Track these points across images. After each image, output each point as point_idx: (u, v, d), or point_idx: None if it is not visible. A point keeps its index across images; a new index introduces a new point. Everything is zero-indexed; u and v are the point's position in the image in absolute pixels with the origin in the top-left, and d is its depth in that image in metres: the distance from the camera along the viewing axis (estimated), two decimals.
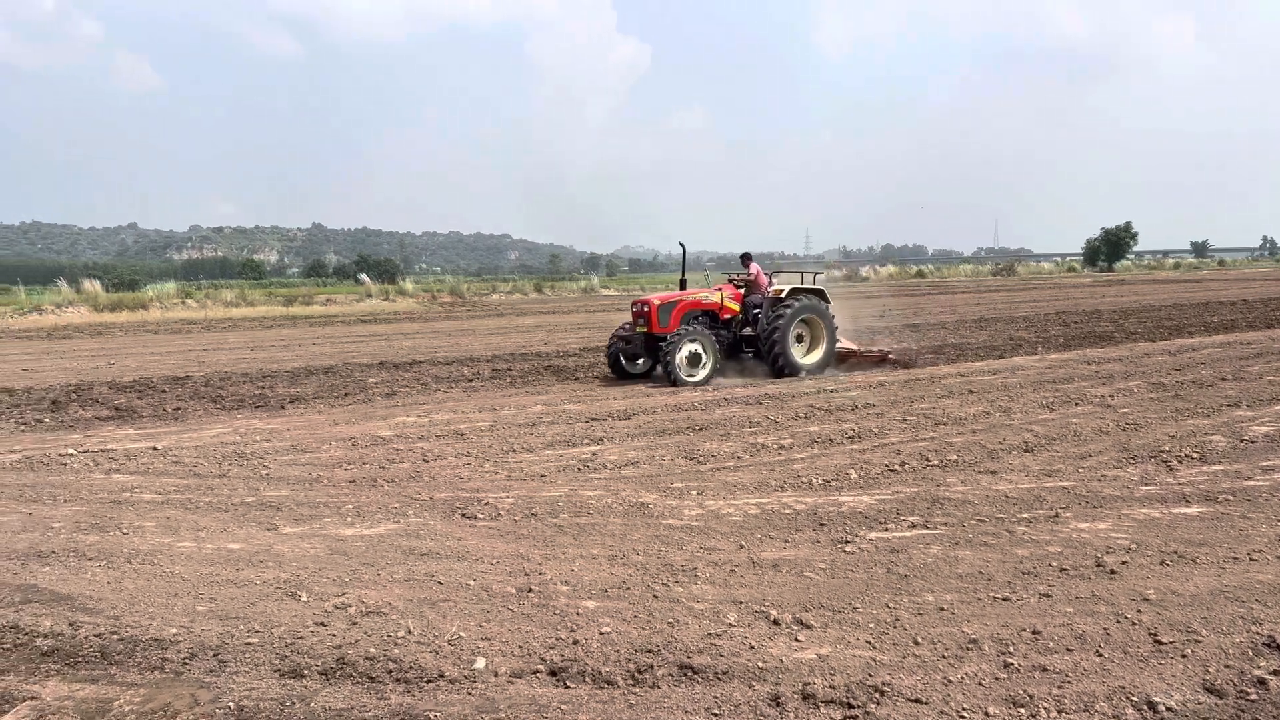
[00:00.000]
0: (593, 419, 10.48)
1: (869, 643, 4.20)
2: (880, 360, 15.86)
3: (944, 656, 4.04)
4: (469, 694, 3.79)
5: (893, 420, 9.84)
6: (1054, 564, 5.23)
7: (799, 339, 14.70)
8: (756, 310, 14.68)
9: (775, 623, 4.45)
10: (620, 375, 14.73)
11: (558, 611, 4.67)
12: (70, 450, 9.27)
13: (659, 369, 13.69)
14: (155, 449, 9.34)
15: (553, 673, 3.96)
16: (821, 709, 3.59)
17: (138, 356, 20.52)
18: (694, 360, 13.51)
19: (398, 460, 8.56)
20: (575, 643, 4.25)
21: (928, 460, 7.91)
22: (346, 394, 13.50)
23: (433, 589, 5.06)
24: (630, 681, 3.86)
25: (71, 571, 5.49)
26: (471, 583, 5.13)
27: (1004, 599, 4.71)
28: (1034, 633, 4.25)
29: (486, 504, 6.81)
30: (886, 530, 5.97)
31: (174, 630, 4.53)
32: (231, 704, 3.72)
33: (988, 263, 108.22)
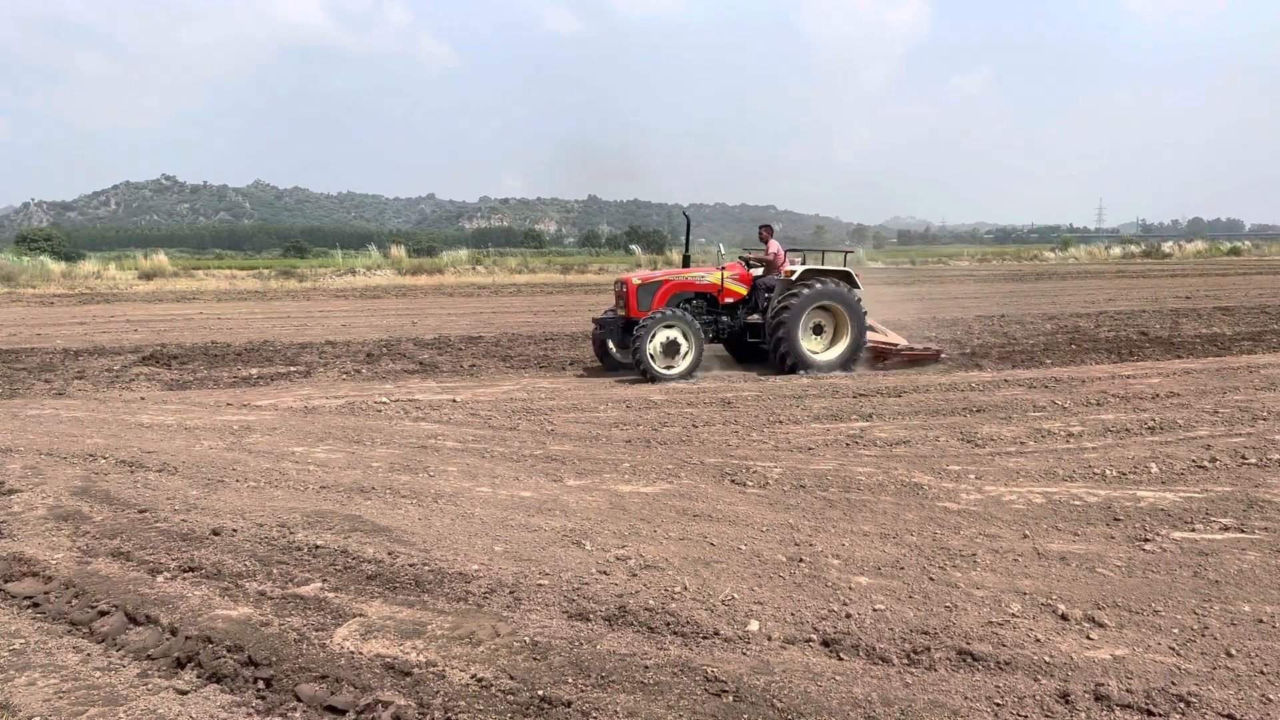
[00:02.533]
0: (860, 394, 10.30)
1: (1172, 649, 3.88)
2: (929, 360, 13.33)
3: (1263, 673, 3.66)
4: (743, 654, 3.90)
5: (1201, 412, 8.92)
6: None
7: (817, 330, 12.68)
8: (769, 294, 12.80)
9: (1064, 618, 4.21)
10: (610, 366, 12.97)
11: (829, 584, 4.67)
12: (383, 399, 10.36)
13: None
14: (454, 401, 10.23)
15: (825, 643, 3.99)
16: (1117, 712, 3.37)
17: (437, 316, 22.49)
18: (671, 349, 11.73)
19: (669, 424, 8.86)
20: (848, 616, 4.25)
21: (1243, 458, 7.12)
22: None
23: (706, 549, 5.22)
24: (906, 661, 3.81)
25: (389, 506, 6.16)
26: (743, 547, 5.25)
27: None
28: None
29: (755, 472, 6.91)
30: (1193, 531, 5.46)
31: (475, 567, 4.97)
32: (527, 638, 4.05)
33: None
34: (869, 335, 12.91)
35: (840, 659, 3.85)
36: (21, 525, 5.77)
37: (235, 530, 5.60)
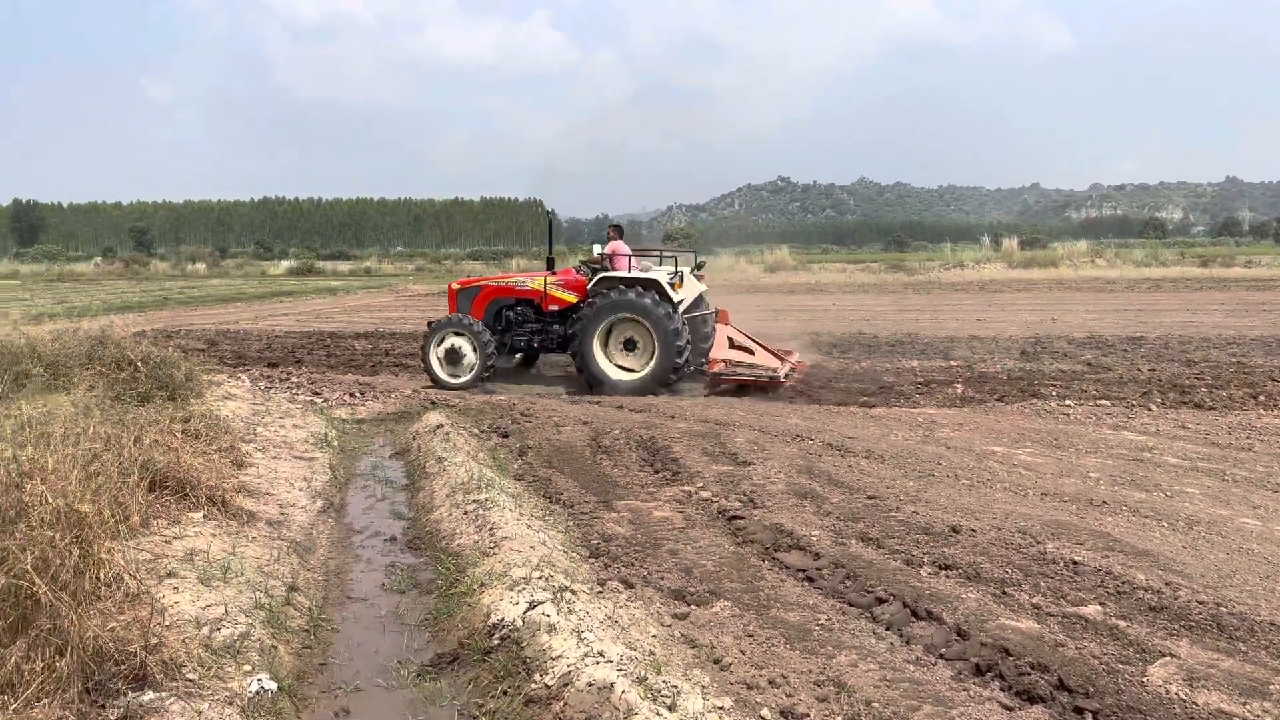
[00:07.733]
0: None
1: None
2: (772, 386, 10.98)
3: None
4: None
5: None
6: None
7: (629, 346, 11.36)
8: None
9: None
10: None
11: None
12: (1069, 402, 9.62)
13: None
14: (1149, 409, 9.13)
15: None
16: None
17: (1074, 314, 20.82)
18: (454, 357, 11.67)
19: None
20: None
21: None
22: None
23: None
24: None
25: (1137, 527, 5.50)
26: None
27: None
28: None
29: None
30: None
31: None
32: None
33: None
34: (728, 352, 11.30)
35: None
36: (769, 497, 6.25)
37: (974, 530, 5.41)
